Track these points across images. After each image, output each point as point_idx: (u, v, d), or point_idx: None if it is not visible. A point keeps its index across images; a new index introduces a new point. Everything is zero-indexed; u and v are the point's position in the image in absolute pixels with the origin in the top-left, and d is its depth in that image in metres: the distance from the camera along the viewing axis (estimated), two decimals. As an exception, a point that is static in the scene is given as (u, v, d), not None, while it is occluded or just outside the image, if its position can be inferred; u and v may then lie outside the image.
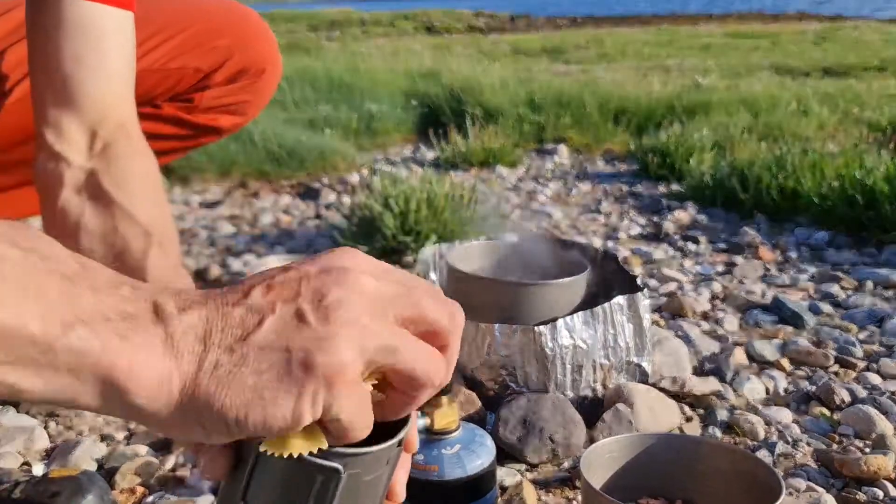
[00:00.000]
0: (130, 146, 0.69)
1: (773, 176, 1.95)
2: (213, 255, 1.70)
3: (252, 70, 0.99)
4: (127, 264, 0.61)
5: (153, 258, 0.61)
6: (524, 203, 2.17)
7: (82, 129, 0.67)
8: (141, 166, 0.69)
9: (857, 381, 1.06)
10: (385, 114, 3.26)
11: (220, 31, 0.95)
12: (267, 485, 0.41)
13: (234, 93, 0.99)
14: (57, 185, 0.65)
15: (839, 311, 1.32)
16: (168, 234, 0.66)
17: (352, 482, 0.41)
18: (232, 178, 2.45)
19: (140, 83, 0.91)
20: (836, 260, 1.59)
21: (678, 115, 3.07)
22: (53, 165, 0.66)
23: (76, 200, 0.64)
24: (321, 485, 0.40)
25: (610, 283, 1.15)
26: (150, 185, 0.68)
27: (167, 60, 0.91)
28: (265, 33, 1.00)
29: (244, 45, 0.97)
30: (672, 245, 1.74)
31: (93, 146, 0.67)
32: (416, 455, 0.75)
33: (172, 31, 0.91)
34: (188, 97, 0.97)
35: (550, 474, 0.84)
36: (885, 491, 0.80)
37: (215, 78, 0.96)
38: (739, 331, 1.25)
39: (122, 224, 0.63)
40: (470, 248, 1.14)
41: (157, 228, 0.64)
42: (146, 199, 0.66)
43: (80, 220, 0.63)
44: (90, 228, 0.63)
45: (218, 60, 0.95)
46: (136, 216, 0.64)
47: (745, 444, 0.91)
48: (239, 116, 1.02)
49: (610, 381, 0.94)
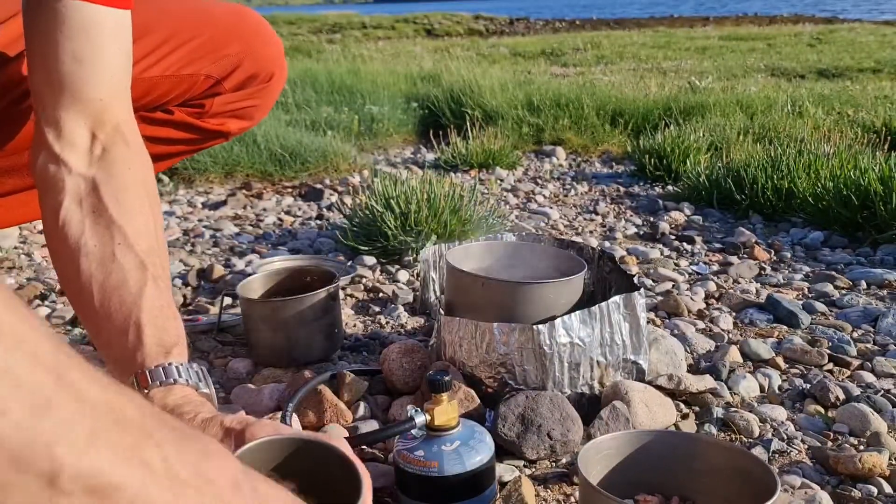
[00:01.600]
0: (129, 151, 0.71)
1: (768, 176, 1.97)
2: (216, 255, 1.71)
3: (261, 76, 1.00)
4: (124, 301, 0.64)
5: (148, 298, 0.65)
6: (523, 203, 2.18)
7: (82, 129, 0.69)
8: (137, 176, 0.71)
9: (852, 379, 1.07)
10: (386, 116, 3.27)
11: (231, 38, 0.96)
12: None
13: (244, 98, 1.01)
14: (58, 192, 0.67)
15: (834, 311, 1.33)
16: (162, 263, 0.69)
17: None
18: (235, 179, 2.46)
19: (153, 89, 0.92)
20: (830, 260, 1.61)
21: (675, 117, 3.09)
22: (55, 169, 0.68)
23: (77, 215, 0.66)
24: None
25: (607, 283, 1.16)
26: (146, 199, 0.71)
27: (179, 67, 0.92)
28: (272, 39, 1.02)
29: (253, 52, 0.98)
30: (668, 245, 1.76)
31: (92, 149, 0.69)
32: (416, 451, 0.76)
33: (184, 38, 0.92)
34: (199, 103, 0.98)
35: (548, 470, 0.86)
36: (880, 488, 0.81)
37: (226, 84, 0.97)
38: (734, 329, 1.27)
39: (120, 250, 0.66)
40: (470, 248, 1.15)
41: (152, 258, 0.67)
42: (143, 219, 0.69)
43: (80, 240, 0.66)
44: (89, 250, 0.65)
45: (228, 67, 0.96)
46: (135, 244, 0.66)
47: (741, 442, 0.92)
48: (246, 120, 1.04)
49: (607, 378, 0.96)
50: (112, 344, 0.64)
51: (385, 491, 0.81)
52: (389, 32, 14.25)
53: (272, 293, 1.18)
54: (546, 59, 6.96)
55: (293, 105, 3.48)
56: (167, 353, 0.62)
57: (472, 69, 4.12)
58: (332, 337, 1.13)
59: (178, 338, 0.65)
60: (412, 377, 1.00)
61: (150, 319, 0.64)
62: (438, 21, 16.36)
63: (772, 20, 13.89)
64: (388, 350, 1.03)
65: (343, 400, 0.97)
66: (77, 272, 0.65)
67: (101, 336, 0.66)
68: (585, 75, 4.96)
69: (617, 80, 4.29)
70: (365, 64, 4.89)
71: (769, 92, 3.66)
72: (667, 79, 4.59)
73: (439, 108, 3.45)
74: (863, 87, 4.07)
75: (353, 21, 15.71)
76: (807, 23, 12.20)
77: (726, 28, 11.56)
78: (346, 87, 3.79)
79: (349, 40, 10.69)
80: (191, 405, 0.59)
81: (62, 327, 1.30)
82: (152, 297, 0.65)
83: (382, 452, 0.88)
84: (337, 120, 3.18)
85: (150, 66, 0.89)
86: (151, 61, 0.90)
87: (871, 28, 10.03)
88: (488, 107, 3.31)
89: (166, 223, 1.99)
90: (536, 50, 7.94)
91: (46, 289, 1.47)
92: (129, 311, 0.63)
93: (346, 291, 1.45)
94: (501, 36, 12.78)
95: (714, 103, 3.24)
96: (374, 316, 1.34)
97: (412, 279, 1.52)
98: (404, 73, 4.43)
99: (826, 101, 3.41)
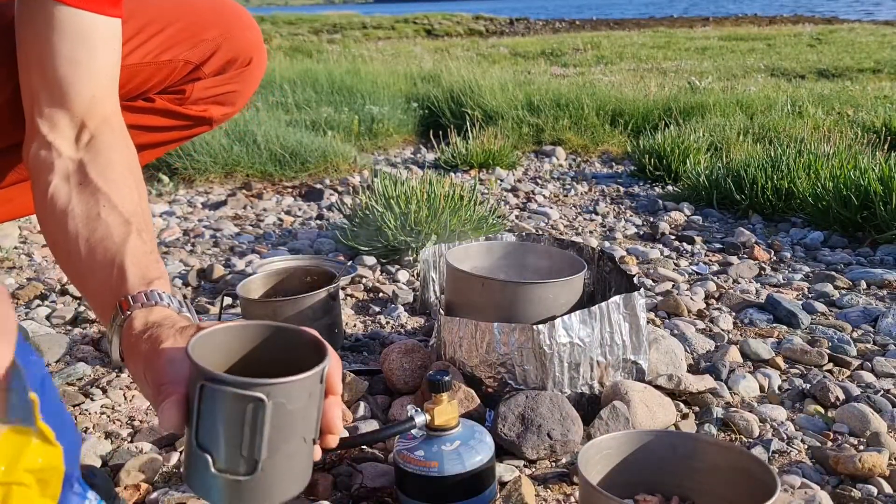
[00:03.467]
0: (114, 138, 0.75)
1: (768, 177, 1.97)
2: (216, 255, 1.72)
3: (240, 60, 1.01)
4: (108, 249, 0.66)
5: (132, 245, 0.66)
6: (523, 203, 2.18)
7: (72, 122, 0.73)
8: (123, 157, 0.74)
9: (852, 379, 1.07)
10: (386, 116, 3.27)
11: (208, 23, 0.97)
12: (210, 421, 0.50)
13: (224, 83, 1.02)
14: (48, 172, 0.71)
15: (833, 311, 1.33)
16: (146, 224, 0.70)
17: (279, 411, 0.50)
18: (235, 179, 2.46)
19: (133, 77, 0.93)
20: (830, 260, 1.61)
21: (675, 117, 3.09)
22: (46, 153, 0.72)
23: (65, 188, 0.70)
24: (252, 413, 0.49)
25: (607, 283, 1.16)
26: (131, 174, 0.73)
27: (158, 54, 0.94)
28: (250, 23, 1.03)
29: (231, 36, 0.99)
30: (668, 245, 1.76)
31: (80, 137, 0.73)
32: (416, 451, 0.76)
33: (161, 25, 0.94)
34: (180, 89, 0.99)
35: (548, 470, 0.86)
36: (880, 488, 0.81)
37: (205, 69, 0.99)
38: (734, 329, 1.27)
39: (105, 211, 0.68)
40: (470, 248, 1.15)
41: (136, 218, 0.69)
42: (128, 189, 0.71)
43: (66, 207, 0.68)
44: (76, 213, 0.68)
45: (207, 52, 0.98)
46: (119, 206, 0.69)
47: (741, 442, 0.92)
48: (229, 106, 1.05)
49: (607, 378, 0.96)
50: (98, 292, 0.65)
51: (385, 491, 0.81)
52: (389, 33, 14.26)
53: (272, 293, 1.18)
54: (546, 59, 6.96)
55: (293, 105, 3.48)
56: (149, 284, 0.63)
57: (472, 69, 4.12)
58: (332, 337, 1.13)
59: (162, 275, 0.65)
60: (412, 377, 1.00)
61: (134, 261, 0.65)
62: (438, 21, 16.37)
63: (772, 20, 13.90)
64: (388, 350, 1.03)
65: (343, 400, 0.97)
66: (65, 234, 0.67)
67: (88, 287, 0.67)
68: (585, 75, 4.96)
69: (617, 81, 4.29)
70: (365, 64, 4.89)
71: (769, 92, 3.67)
72: (667, 79, 4.59)
73: (439, 108, 3.45)
74: (863, 88, 4.07)
75: (353, 21, 15.71)
76: (807, 23, 12.21)
77: (726, 28, 11.57)
78: (347, 88, 3.79)
79: (349, 40, 10.69)
80: (170, 320, 0.60)
81: (62, 327, 1.30)
82: (136, 246, 0.66)
83: (382, 452, 0.88)
84: (337, 120, 3.18)
85: (128, 53, 0.91)
86: (130, 48, 0.91)
87: (871, 28, 10.04)
88: (488, 107, 3.31)
89: (166, 223, 1.99)
90: (536, 50, 7.94)
91: (46, 289, 1.47)
92: (112, 257, 0.65)
93: (346, 291, 1.45)
94: (501, 36, 12.78)
95: (714, 103, 3.24)
96: (374, 316, 1.34)
97: (412, 279, 1.52)
98: (404, 73, 4.43)
99: (826, 101, 3.41)
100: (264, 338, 0.58)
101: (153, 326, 0.59)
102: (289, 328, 0.58)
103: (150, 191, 2.33)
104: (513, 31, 14.49)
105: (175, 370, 0.54)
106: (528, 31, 14.19)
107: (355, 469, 0.84)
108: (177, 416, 0.52)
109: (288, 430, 0.51)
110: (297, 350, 0.57)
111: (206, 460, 0.50)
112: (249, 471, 0.50)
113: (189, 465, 0.53)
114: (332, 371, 0.56)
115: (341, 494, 0.81)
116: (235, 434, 0.50)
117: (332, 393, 0.56)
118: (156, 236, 1.83)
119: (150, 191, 2.33)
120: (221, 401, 0.49)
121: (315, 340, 0.57)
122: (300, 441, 0.53)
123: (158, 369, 0.55)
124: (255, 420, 0.49)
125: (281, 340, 0.58)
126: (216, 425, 0.50)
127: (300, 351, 0.56)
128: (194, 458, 0.52)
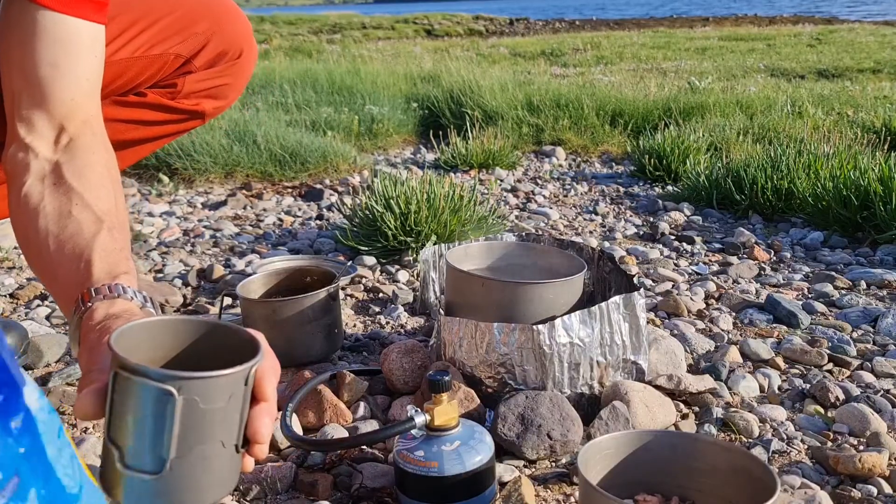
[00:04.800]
0: (94, 140, 0.75)
1: (768, 177, 1.97)
2: (216, 255, 1.72)
3: (230, 53, 1.02)
4: (77, 244, 0.65)
5: (101, 241, 0.65)
6: (522, 203, 2.18)
7: (51, 124, 0.73)
8: (101, 158, 0.74)
9: (851, 379, 1.07)
10: (386, 116, 3.27)
11: (198, 17, 0.98)
12: (120, 412, 0.48)
13: (215, 76, 1.02)
14: (23, 173, 0.71)
15: (833, 311, 1.33)
16: (120, 224, 0.69)
17: (190, 408, 0.47)
18: (235, 179, 2.46)
19: (124, 71, 0.94)
20: (830, 260, 1.61)
21: (674, 117, 3.09)
22: (23, 155, 0.72)
23: (38, 188, 0.69)
24: (158, 405, 0.46)
25: (607, 283, 1.16)
26: (108, 176, 0.73)
27: (148, 48, 0.94)
28: (240, 17, 1.03)
29: (221, 29, 1.00)
30: (668, 245, 1.76)
31: (59, 139, 0.73)
32: (416, 451, 0.76)
33: (152, 20, 0.94)
34: (171, 83, 0.99)
35: (548, 470, 0.86)
36: (880, 488, 0.82)
37: (196, 62, 0.99)
38: (734, 329, 1.27)
39: (77, 209, 0.68)
40: (470, 248, 1.15)
41: (109, 217, 0.68)
42: (104, 191, 0.71)
43: (38, 205, 0.68)
44: (47, 211, 0.67)
45: (197, 45, 0.98)
46: (92, 205, 0.68)
47: (741, 442, 0.92)
48: (221, 100, 1.06)
49: (607, 378, 0.96)
50: (64, 285, 0.64)
51: (385, 491, 0.81)
52: (389, 33, 14.26)
53: (272, 293, 1.18)
54: (546, 59, 6.96)
55: (293, 105, 3.48)
56: (115, 278, 0.62)
57: (472, 69, 4.12)
58: (331, 337, 1.13)
59: (130, 271, 0.64)
60: (412, 377, 1.00)
61: (102, 256, 0.64)
62: (438, 21, 16.37)
63: (771, 21, 13.90)
64: (388, 350, 1.03)
65: (343, 400, 0.97)
66: (35, 231, 0.67)
67: (56, 281, 0.66)
68: (585, 76, 4.96)
69: (617, 81, 4.29)
70: (365, 64, 4.89)
71: (769, 92, 3.67)
72: (666, 79, 4.59)
73: (439, 108, 3.45)
74: (862, 88, 4.07)
75: (353, 21, 15.71)
76: (806, 23, 12.21)
77: (726, 28, 11.57)
78: (346, 88, 3.79)
79: (349, 41, 10.69)
80: (129, 313, 0.59)
81: (62, 327, 1.30)
82: (105, 242, 0.65)
83: (382, 452, 0.88)
84: (337, 120, 3.18)
85: (119, 48, 0.91)
86: (120, 43, 0.91)
87: (871, 28, 10.04)
88: (488, 107, 3.31)
89: (166, 223, 1.99)
90: (536, 50, 7.94)
91: (46, 289, 1.47)
92: (81, 251, 0.64)
93: (346, 291, 1.45)
94: (501, 36, 12.78)
95: (714, 103, 3.24)
96: (374, 316, 1.34)
97: (412, 279, 1.52)
98: (404, 73, 4.43)
99: (826, 101, 3.41)
100: (203, 334, 0.55)
101: (110, 318, 0.58)
102: (228, 326, 0.56)
103: (150, 191, 2.33)
104: (513, 32, 14.49)
105: (106, 359, 0.52)
106: (527, 32, 14.19)
107: (355, 469, 0.84)
108: (91, 405, 0.49)
109: (202, 430, 0.48)
110: (240, 350, 0.54)
111: (115, 454, 0.48)
112: (156, 469, 0.48)
113: (101, 460, 0.50)
114: (263, 376, 0.53)
115: (341, 494, 0.81)
116: (143, 428, 0.47)
117: (262, 399, 0.53)
118: (154, 236, 1.84)
119: (150, 191, 2.33)
120: (131, 391, 0.47)
121: (252, 340, 0.54)
122: (218, 445, 0.50)
123: (94, 357, 0.54)
124: (164, 414, 0.46)
125: (221, 338, 0.55)
126: (125, 416, 0.48)
127: (244, 352, 0.53)
128: (105, 452, 0.50)
